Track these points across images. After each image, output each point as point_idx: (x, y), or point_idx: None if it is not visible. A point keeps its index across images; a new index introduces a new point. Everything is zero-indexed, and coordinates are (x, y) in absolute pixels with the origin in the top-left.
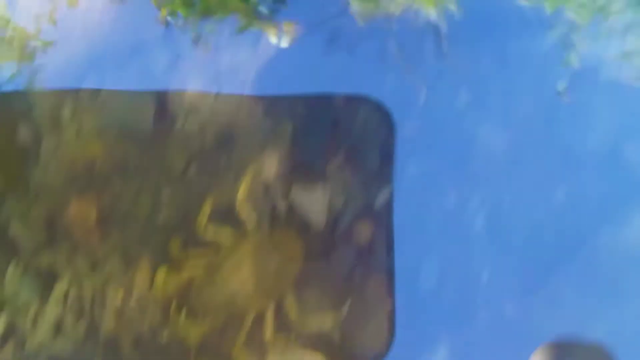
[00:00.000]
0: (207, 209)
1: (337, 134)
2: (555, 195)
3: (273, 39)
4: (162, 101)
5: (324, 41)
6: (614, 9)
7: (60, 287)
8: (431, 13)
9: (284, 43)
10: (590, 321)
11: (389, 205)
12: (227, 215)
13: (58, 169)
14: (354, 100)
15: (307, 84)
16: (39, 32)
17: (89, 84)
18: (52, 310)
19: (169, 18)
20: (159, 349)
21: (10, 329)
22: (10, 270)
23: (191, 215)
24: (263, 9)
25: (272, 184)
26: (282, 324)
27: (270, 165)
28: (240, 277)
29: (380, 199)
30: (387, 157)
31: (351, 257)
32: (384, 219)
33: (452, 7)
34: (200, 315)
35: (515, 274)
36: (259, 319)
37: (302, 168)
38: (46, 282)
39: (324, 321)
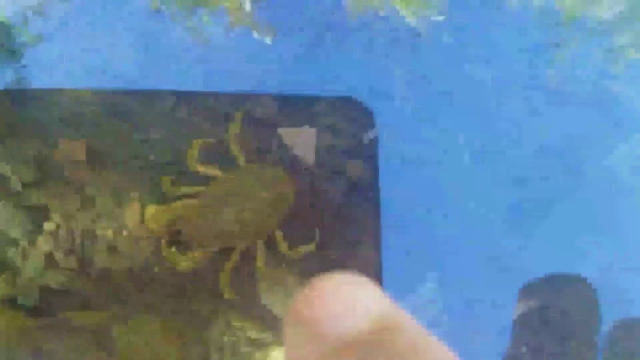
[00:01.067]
0: (196, 144)
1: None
2: (542, 132)
3: (256, 34)
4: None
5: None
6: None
7: (50, 224)
8: (411, 21)
9: (268, 39)
10: (578, 254)
11: (375, 143)
12: (217, 152)
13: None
14: None
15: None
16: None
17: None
18: (42, 246)
19: (162, 7)
20: (151, 279)
21: (2, 264)
22: (0, 207)
23: (182, 154)
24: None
25: (262, 123)
26: (271, 256)
27: (261, 105)
28: (230, 210)
29: (367, 137)
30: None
31: (340, 192)
32: (371, 156)
33: (434, 14)
34: (191, 247)
35: (502, 209)
36: (249, 251)
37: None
38: (36, 218)
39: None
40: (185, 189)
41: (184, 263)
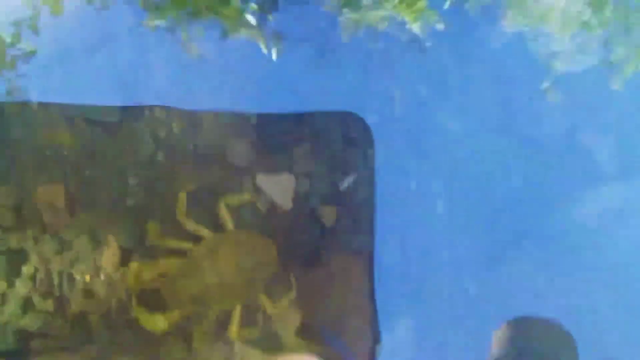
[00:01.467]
0: (182, 197)
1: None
2: (512, 179)
3: (264, 49)
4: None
5: (310, 55)
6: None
7: (28, 267)
8: (414, 27)
9: (274, 54)
10: (546, 296)
11: (353, 190)
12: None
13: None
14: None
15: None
16: (19, 39)
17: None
18: (20, 289)
19: (157, 22)
20: (127, 322)
21: None
22: None
23: (160, 199)
24: (251, 18)
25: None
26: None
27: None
28: (212, 274)
29: (345, 184)
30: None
31: (316, 237)
32: (348, 203)
33: (436, 22)
34: (167, 306)
35: (475, 254)
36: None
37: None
38: (15, 262)
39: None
40: (171, 243)
41: (160, 324)
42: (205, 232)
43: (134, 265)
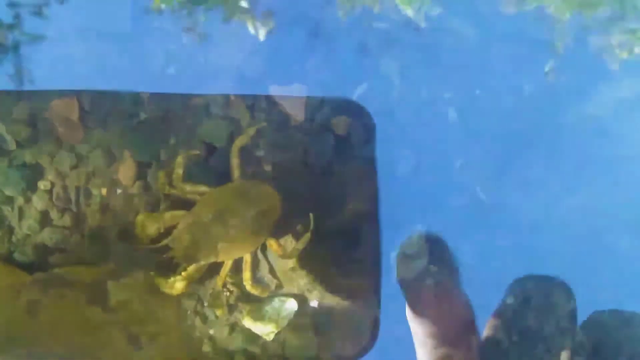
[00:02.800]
0: (180, 161)
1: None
2: (523, 83)
3: (251, 30)
4: None
5: (304, 35)
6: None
7: (44, 182)
8: (408, 12)
9: (261, 35)
10: (560, 198)
11: (365, 100)
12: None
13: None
14: None
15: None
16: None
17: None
18: (37, 204)
19: (162, 6)
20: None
21: None
22: None
23: (173, 111)
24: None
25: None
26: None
27: None
28: (218, 227)
29: (357, 94)
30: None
31: (329, 148)
32: (360, 113)
33: (430, 7)
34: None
35: (487, 161)
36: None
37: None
38: (31, 177)
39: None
40: (176, 192)
41: (179, 284)
42: (203, 188)
43: (139, 217)
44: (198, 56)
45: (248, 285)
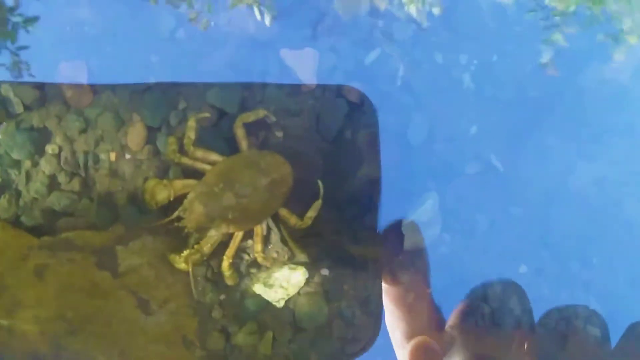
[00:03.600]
0: (192, 123)
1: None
2: (540, 50)
3: (257, 15)
4: None
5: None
6: None
7: (52, 146)
8: (411, 9)
9: (267, 20)
10: (577, 165)
11: (378, 66)
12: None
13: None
14: None
15: None
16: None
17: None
18: (45, 168)
19: None
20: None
21: (5, 184)
22: (2, 128)
23: (183, 77)
24: None
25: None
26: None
27: None
28: (229, 196)
29: (370, 59)
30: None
31: (342, 115)
32: (373, 79)
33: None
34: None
35: (503, 128)
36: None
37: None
38: (38, 140)
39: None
40: (187, 161)
41: (193, 257)
42: (215, 156)
43: (148, 183)
44: (208, 19)
45: (260, 257)
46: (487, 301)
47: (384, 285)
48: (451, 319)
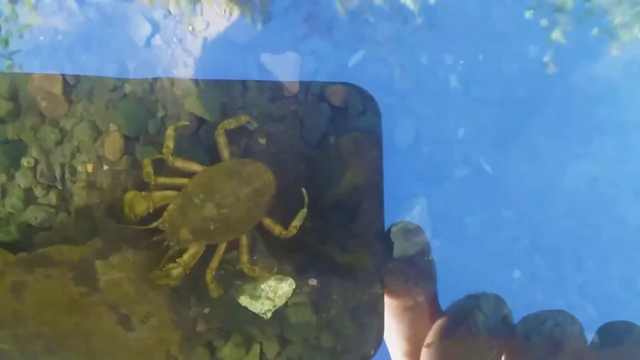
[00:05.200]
0: (171, 131)
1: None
2: (527, 49)
3: (248, 19)
4: None
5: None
6: None
7: (28, 159)
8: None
9: (259, 24)
10: (567, 166)
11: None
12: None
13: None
14: None
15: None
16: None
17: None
18: (21, 181)
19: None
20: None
21: None
22: None
23: (156, 86)
24: None
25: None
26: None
27: None
28: (211, 207)
29: (353, 61)
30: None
31: (325, 118)
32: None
33: None
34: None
35: (490, 129)
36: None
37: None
38: (13, 153)
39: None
40: (163, 180)
41: (175, 271)
42: (195, 166)
43: (127, 195)
44: (185, 24)
45: (245, 268)
46: (466, 314)
47: (387, 300)
48: (430, 336)
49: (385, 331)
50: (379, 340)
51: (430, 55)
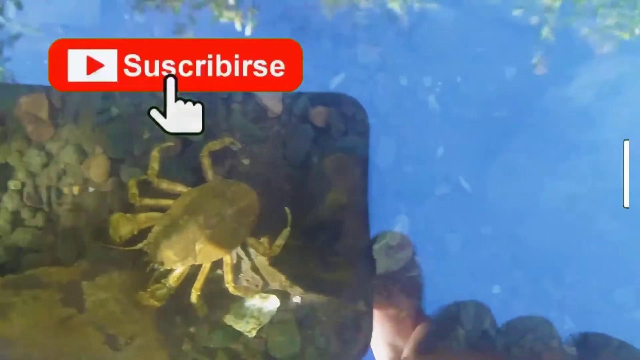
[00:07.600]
0: (156, 154)
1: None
2: (505, 70)
3: (238, 26)
4: None
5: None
6: None
7: (15, 182)
8: (394, 5)
9: (247, 30)
10: (544, 184)
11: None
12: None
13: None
14: None
15: None
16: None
17: None
18: (8, 203)
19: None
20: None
21: None
22: None
23: (144, 108)
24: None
25: None
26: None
27: None
28: (194, 229)
29: (334, 83)
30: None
31: (308, 139)
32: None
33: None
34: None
35: (470, 149)
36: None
37: None
38: (1, 176)
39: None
40: (149, 201)
41: (160, 292)
42: (180, 187)
43: (113, 217)
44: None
45: (230, 287)
46: (443, 326)
47: (377, 314)
48: (405, 351)
49: (371, 345)
50: (364, 356)
51: (410, 78)
